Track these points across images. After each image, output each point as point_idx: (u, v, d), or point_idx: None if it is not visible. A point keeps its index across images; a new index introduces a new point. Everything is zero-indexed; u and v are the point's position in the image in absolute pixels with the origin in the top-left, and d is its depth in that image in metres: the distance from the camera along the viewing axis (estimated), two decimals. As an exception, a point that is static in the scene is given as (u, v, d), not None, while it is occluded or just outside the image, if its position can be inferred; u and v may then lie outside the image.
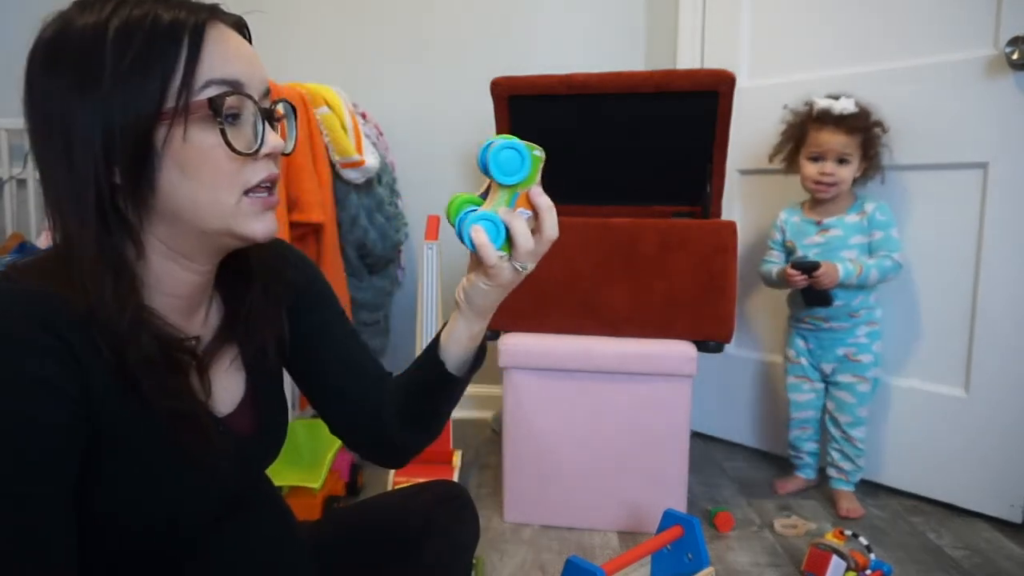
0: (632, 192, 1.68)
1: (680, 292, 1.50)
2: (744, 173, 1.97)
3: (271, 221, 0.63)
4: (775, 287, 1.76)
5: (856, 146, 1.57)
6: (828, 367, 1.68)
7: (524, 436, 1.54)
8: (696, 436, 2.08)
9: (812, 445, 1.74)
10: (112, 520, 0.60)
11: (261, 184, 0.60)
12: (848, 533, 1.34)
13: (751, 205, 1.97)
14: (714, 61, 1.96)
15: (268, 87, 0.62)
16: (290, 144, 0.67)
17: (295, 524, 0.82)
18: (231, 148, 0.57)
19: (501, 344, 1.53)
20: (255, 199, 0.60)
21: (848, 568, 1.27)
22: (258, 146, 0.59)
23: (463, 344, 0.71)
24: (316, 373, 0.79)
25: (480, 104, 1.74)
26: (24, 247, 1.86)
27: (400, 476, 1.55)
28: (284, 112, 0.67)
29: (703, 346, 1.51)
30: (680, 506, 1.49)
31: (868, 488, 1.72)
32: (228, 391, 0.69)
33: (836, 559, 1.27)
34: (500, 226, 0.62)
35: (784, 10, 1.86)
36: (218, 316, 0.71)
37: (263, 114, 0.60)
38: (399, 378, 0.79)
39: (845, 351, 1.64)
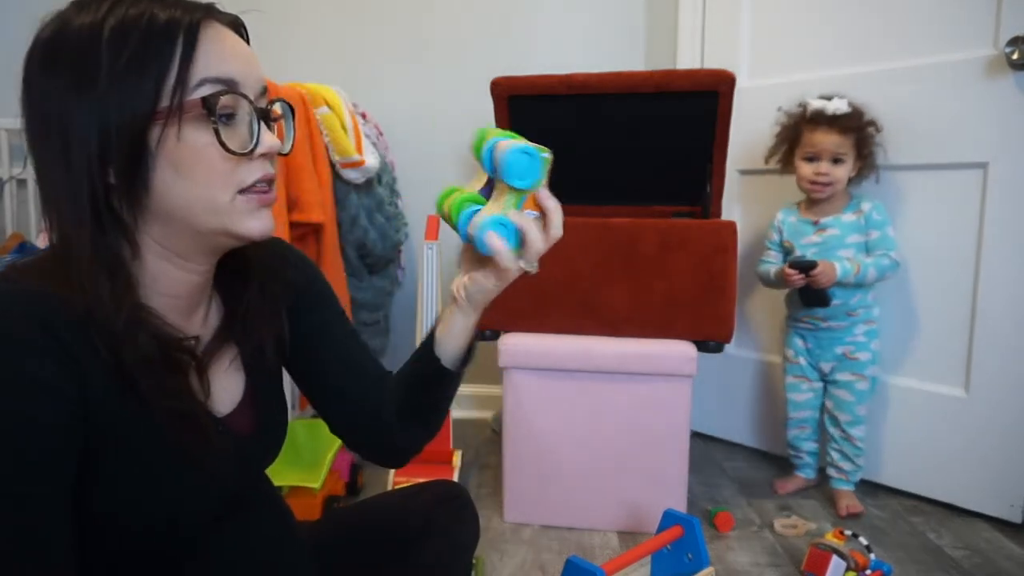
0: (632, 192, 1.68)
1: (680, 292, 1.50)
2: (744, 173, 1.97)
3: (267, 219, 0.62)
4: (773, 287, 1.76)
5: (850, 145, 1.59)
6: (827, 366, 1.68)
7: (524, 436, 1.54)
8: (696, 436, 2.08)
9: (811, 445, 1.74)
10: (112, 520, 0.59)
11: (256, 184, 0.60)
12: (848, 533, 1.34)
13: (751, 205, 1.97)
14: (714, 61, 1.96)
15: (265, 86, 0.62)
16: (288, 144, 0.67)
17: (295, 524, 0.82)
18: (224, 147, 0.57)
19: (501, 344, 1.53)
20: (250, 197, 0.60)
21: (848, 568, 1.27)
22: (253, 146, 0.59)
23: (460, 339, 0.72)
24: (316, 373, 0.79)
25: (480, 104, 1.74)
26: (24, 247, 1.86)
27: (400, 476, 1.55)
28: (282, 112, 0.67)
29: (703, 346, 1.51)
30: (680, 506, 1.49)
31: (868, 488, 1.72)
32: (227, 391, 0.69)
33: (836, 559, 1.27)
34: (512, 229, 0.63)
35: (784, 10, 1.86)
36: (218, 316, 0.70)
37: (259, 114, 0.60)
38: (395, 377, 0.80)
39: (843, 349, 1.65)
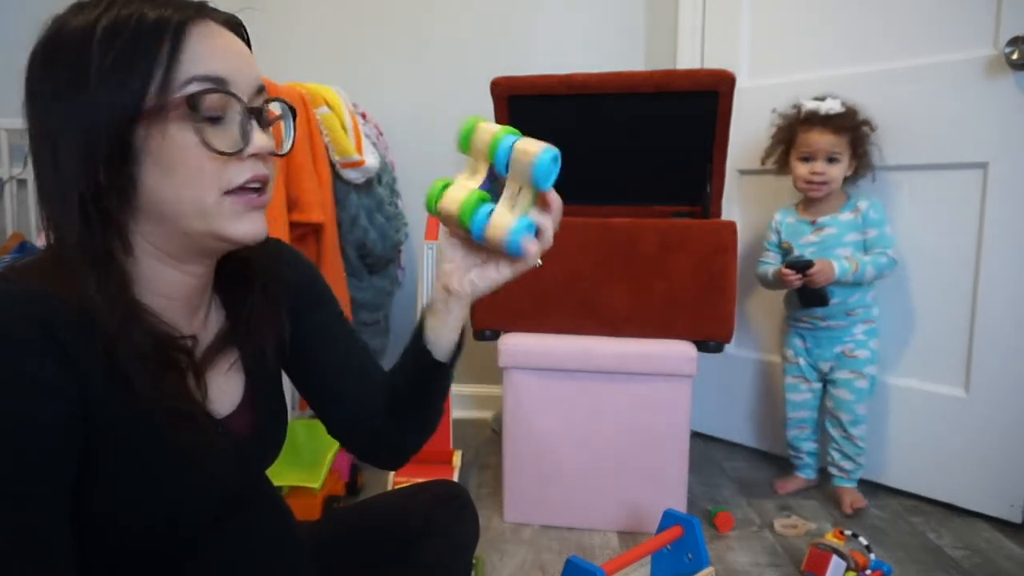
0: (632, 192, 1.67)
1: (680, 292, 1.50)
2: (744, 173, 1.97)
3: (257, 223, 0.61)
4: (772, 288, 1.77)
5: (845, 145, 1.60)
6: (826, 365, 1.68)
7: (524, 436, 1.54)
8: (696, 436, 2.08)
9: (811, 445, 1.74)
10: (112, 520, 0.59)
11: (246, 185, 0.59)
12: (848, 533, 1.34)
13: (751, 205, 1.97)
14: (714, 61, 1.96)
15: (261, 86, 0.61)
16: (287, 145, 0.66)
17: (295, 524, 0.82)
18: (208, 147, 0.56)
19: (501, 344, 1.53)
20: (238, 199, 0.59)
21: (848, 568, 1.27)
22: (242, 146, 0.58)
23: (455, 331, 0.74)
24: (315, 374, 0.79)
25: (480, 104, 1.74)
26: (24, 247, 1.86)
27: (400, 476, 1.55)
28: (281, 112, 0.66)
29: (703, 346, 1.51)
30: (680, 506, 1.49)
31: (868, 488, 1.72)
32: (227, 393, 0.69)
33: (836, 559, 1.27)
34: (535, 229, 0.65)
35: (784, 10, 1.86)
36: (217, 319, 0.70)
37: (252, 113, 0.59)
38: (387, 377, 0.80)
39: (842, 348, 1.65)
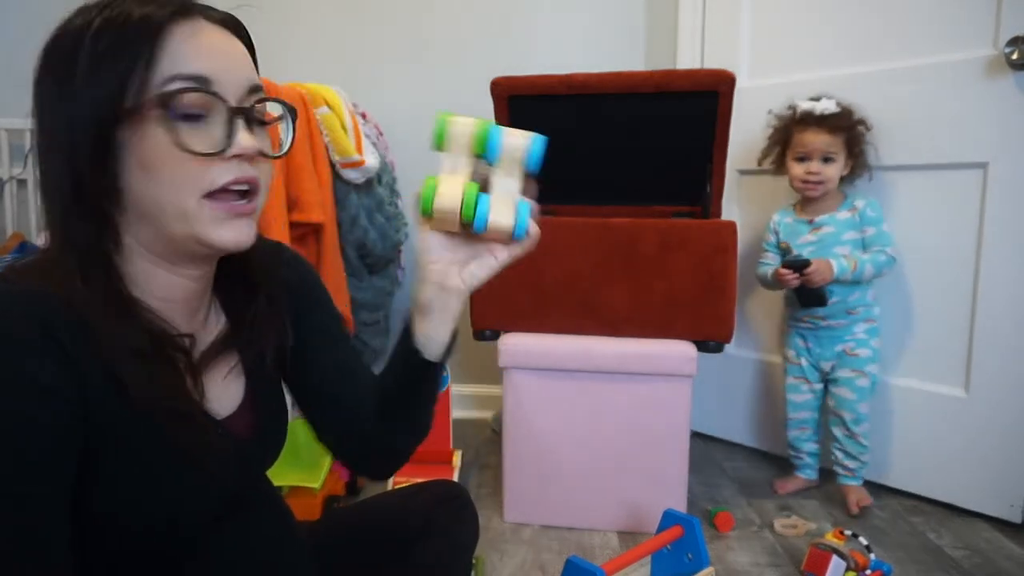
0: (632, 192, 1.67)
1: (680, 292, 1.50)
2: (744, 173, 1.97)
3: (240, 230, 0.59)
4: (772, 289, 1.77)
5: (840, 144, 1.60)
6: (827, 365, 1.68)
7: (524, 436, 1.54)
8: (696, 436, 2.08)
9: (812, 445, 1.74)
10: (112, 520, 0.59)
11: (229, 187, 0.58)
12: (848, 533, 1.34)
13: (751, 205, 1.97)
14: (714, 61, 1.96)
15: (254, 86, 0.60)
16: (284, 147, 0.65)
17: (295, 524, 0.82)
18: (181, 147, 0.55)
19: (501, 344, 1.53)
20: (219, 204, 0.58)
21: (848, 568, 1.27)
22: (223, 147, 0.57)
23: (450, 329, 0.72)
24: (310, 376, 0.78)
25: (480, 104, 1.74)
26: (24, 247, 1.86)
27: (400, 476, 1.54)
28: (281, 113, 0.65)
29: (703, 346, 1.51)
30: (680, 506, 1.49)
31: (868, 488, 1.71)
32: (227, 394, 0.69)
33: (836, 559, 1.27)
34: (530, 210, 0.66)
35: (784, 10, 1.86)
36: (217, 321, 0.70)
37: (239, 113, 0.58)
38: (378, 380, 0.78)
39: (843, 347, 1.65)
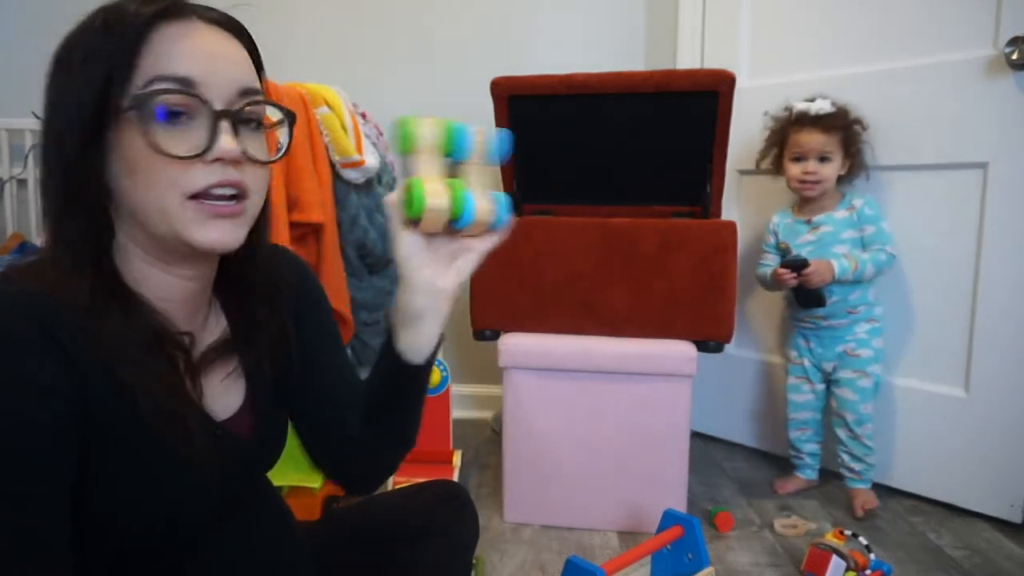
0: (632, 192, 1.67)
1: (680, 292, 1.50)
2: (744, 173, 1.96)
3: (225, 231, 0.58)
4: (772, 290, 1.77)
5: (836, 144, 1.61)
6: (829, 365, 1.68)
7: (524, 436, 1.54)
8: (696, 436, 2.08)
9: (813, 446, 1.74)
10: (112, 520, 0.60)
11: (211, 190, 0.57)
12: (848, 533, 1.34)
13: (751, 205, 1.97)
14: (714, 61, 1.96)
15: (244, 89, 0.59)
16: (279, 152, 0.64)
17: (295, 524, 0.82)
18: (155, 149, 0.55)
19: (501, 344, 1.53)
20: (200, 205, 0.57)
21: (848, 568, 1.27)
22: (202, 150, 0.56)
23: (437, 333, 0.69)
24: (303, 381, 0.76)
25: (480, 104, 1.74)
26: (24, 247, 1.86)
27: (400, 476, 1.55)
28: (280, 118, 0.64)
29: (703, 346, 1.51)
30: (680, 506, 1.49)
31: (868, 488, 1.72)
32: (228, 396, 0.69)
33: (836, 559, 1.27)
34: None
35: (784, 10, 1.86)
36: (218, 323, 0.70)
37: (224, 116, 0.57)
38: (364, 386, 0.75)
39: (844, 347, 1.65)
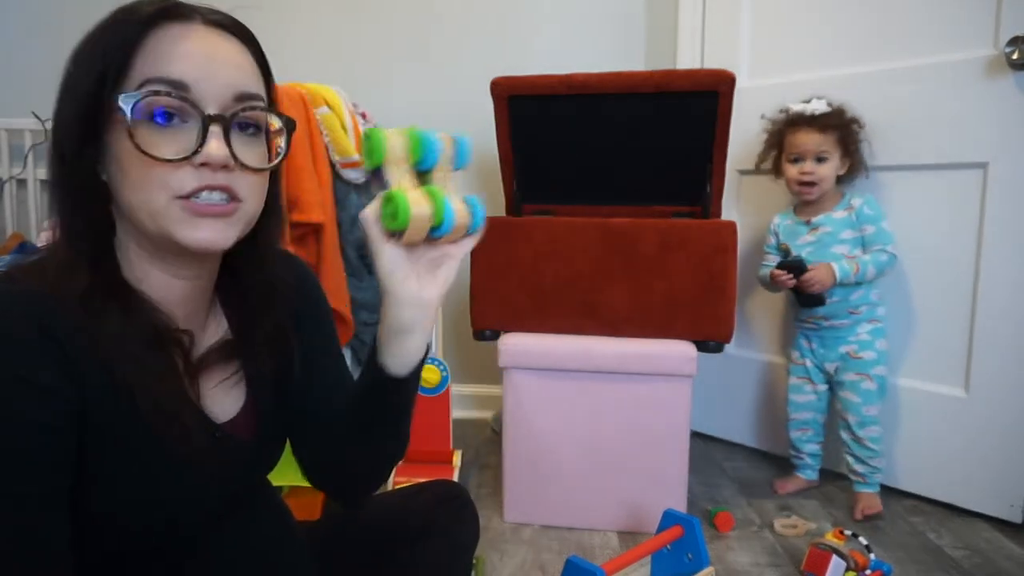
0: (632, 192, 1.67)
1: (680, 292, 1.50)
2: (744, 173, 1.96)
3: (213, 231, 0.58)
4: (773, 291, 1.77)
5: (833, 143, 1.61)
6: (831, 366, 1.68)
7: (524, 436, 1.54)
8: (696, 436, 2.08)
9: (813, 447, 1.74)
10: (111, 520, 0.60)
11: (199, 193, 0.56)
12: (848, 533, 1.34)
13: (751, 205, 1.97)
14: (714, 61, 1.96)
15: (241, 94, 0.59)
16: (278, 158, 0.63)
17: (295, 524, 0.82)
18: (140, 150, 0.55)
19: (501, 344, 1.53)
20: (189, 204, 0.56)
21: (848, 568, 1.27)
22: (188, 154, 0.55)
23: (426, 342, 0.67)
24: (300, 387, 0.75)
25: (480, 104, 1.74)
26: (24, 247, 1.86)
27: (400, 476, 1.55)
28: (281, 125, 0.63)
29: (703, 346, 1.51)
30: (680, 506, 1.49)
31: (868, 488, 1.72)
32: (229, 399, 0.69)
33: (836, 559, 1.27)
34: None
35: (784, 10, 1.86)
36: (220, 327, 0.70)
37: (214, 121, 0.56)
38: (351, 401, 0.71)
39: (847, 349, 1.65)
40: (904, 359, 1.70)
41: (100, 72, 0.55)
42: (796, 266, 1.58)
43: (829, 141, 1.60)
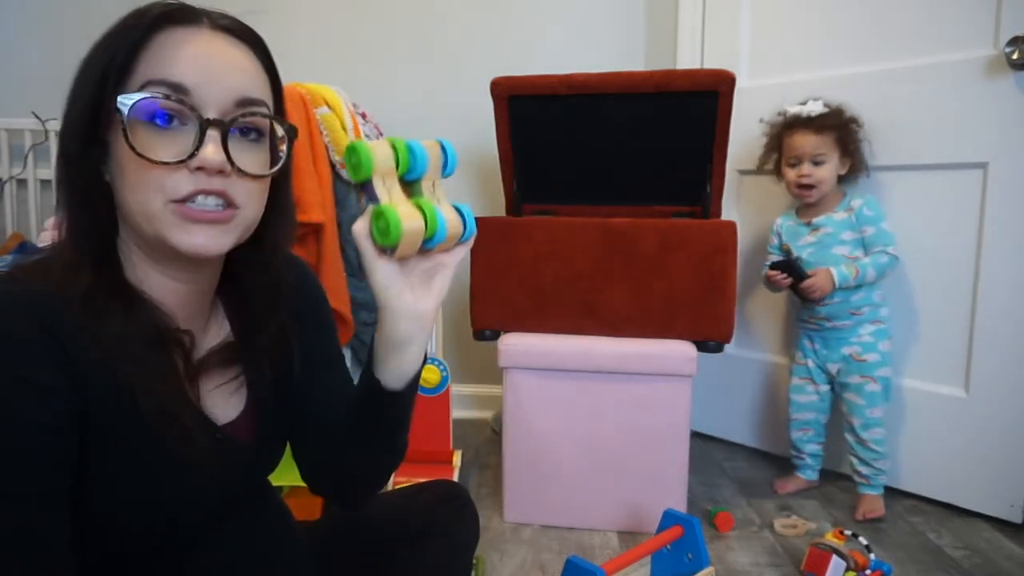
0: (632, 192, 1.68)
1: (680, 292, 1.50)
2: (744, 173, 1.96)
3: (207, 236, 0.57)
4: (775, 290, 1.77)
5: (830, 145, 1.61)
6: (834, 367, 1.67)
7: (524, 436, 1.54)
8: (696, 436, 2.08)
9: (814, 447, 1.74)
10: (112, 520, 0.60)
11: (194, 197, 0.56)
12: (848, 533, 1.34)
13: (751, 205, 1.97)
14: (714, 61, 1.96)
15: (243, 99, 0.59)
16: (278, 165, 0.62)
17: (295, 524, 0.82)
18: (135, 152, 0.55)
19: (501, 344, 1.53)
20: (183, 209, 0.56)
21: (848, 568, 1.27)
22: (183, 157, 0.55)
23: (423, 354, 0.66)
24: (301, 391, 0.75)
25: (480, 104, 1.74)
26: (24, 247, 1.86)
27: (400, 476, 1.55)
28: (283, 132, 0.62)
29: (703, 346, 1.51)
30: (680, 506, 1.49)
31: (868, 488, 1.72)
32: (230, 401, 0.69)
33: (836, 559, 1.27)
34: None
35: (784, 10, 1.86)
36: (220, 329, 0.70)
37: (213, 125, 0.56)
38: (350, 412, 0.71)
39: (850, 351, 1.64)
40: (904, 359, 1.70)
41: (103, 72, 0.56)
42: (788, 265, 1.59)
43: (826, 143, 1.60)
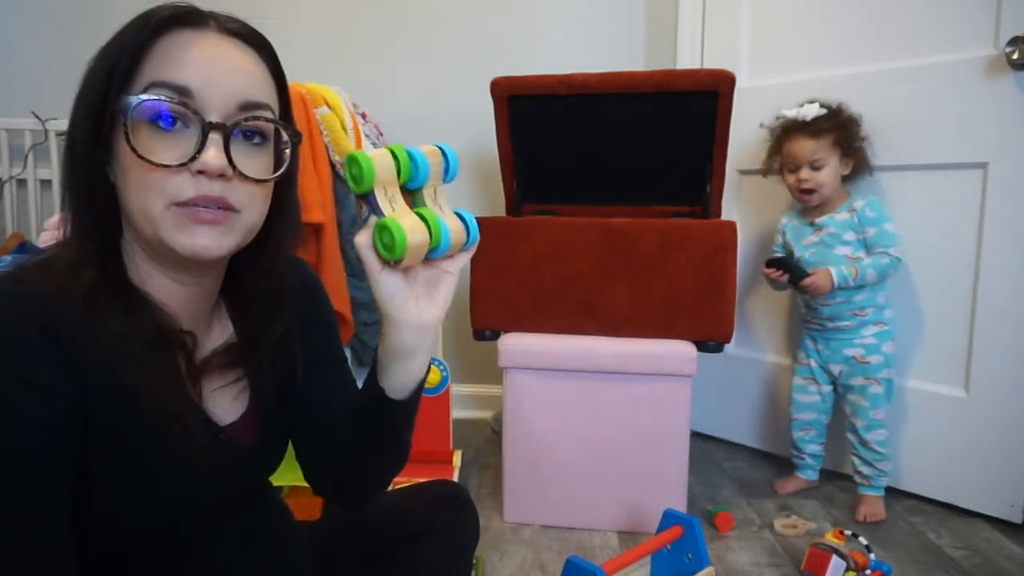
0: (632, 192, 1.68)
1: (680, 292, 1.50)
2: (744, 173, 1.97)
3: (207, 238, 0.57)
4: (779, 289, 1.77)
5: (828, 148, 1.60)
6: (836, 368, 1.67)
7: (524, 436, 1.54)
8: (696, 436, 2.08)
9: (815, 447, 1.74)
10: (112, 520, 0.60)
11: (192, 202, 0.56)
12: (848, 533, 1.34)
13: (751, 205, 1.97)
14: (714, 61, 1.96)
15: (247, 103, 0.58)
16: (280, 169, 0.62)
17: (295, 524, 0.82)
18: (136, 153, 0.55)
19: (501, 344, 1.53)
20: (184, 210, 0.56)
21: (848, 568, 1.27)
22: (184, 160, 0.55)
23: (427, 362, 0.66)
24: (304, 394, 0.75)
25: (480, 104, 1.74)
26: (24, 247, 1.86)
27: (400, 476, 1.54)
28: (288, 137, 0.62)
29: (703, 346, 1.51)
30: (680, 506, 1.49)
31: (868, 488, 1.72)
32: (232, 403, 0.69)
33: (836, 559, 1.27)
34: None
35: (784, 10, 1.86)
36: (223, 331, 0.70)
37: (215, 129, 0.56)
38: (351, 417, 0.71)
39: (853, 352, 1.64)
40: (904, 359, 1.70)
41: (109, 73, 0.56)
42: (783, 262, 1.61)
43: (824, 146, 1.59)
